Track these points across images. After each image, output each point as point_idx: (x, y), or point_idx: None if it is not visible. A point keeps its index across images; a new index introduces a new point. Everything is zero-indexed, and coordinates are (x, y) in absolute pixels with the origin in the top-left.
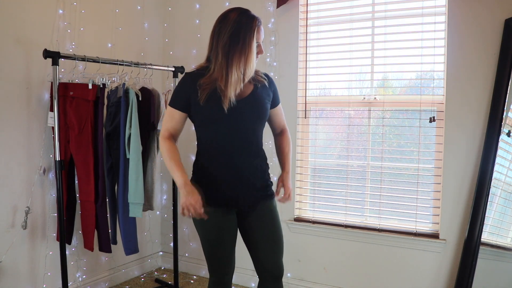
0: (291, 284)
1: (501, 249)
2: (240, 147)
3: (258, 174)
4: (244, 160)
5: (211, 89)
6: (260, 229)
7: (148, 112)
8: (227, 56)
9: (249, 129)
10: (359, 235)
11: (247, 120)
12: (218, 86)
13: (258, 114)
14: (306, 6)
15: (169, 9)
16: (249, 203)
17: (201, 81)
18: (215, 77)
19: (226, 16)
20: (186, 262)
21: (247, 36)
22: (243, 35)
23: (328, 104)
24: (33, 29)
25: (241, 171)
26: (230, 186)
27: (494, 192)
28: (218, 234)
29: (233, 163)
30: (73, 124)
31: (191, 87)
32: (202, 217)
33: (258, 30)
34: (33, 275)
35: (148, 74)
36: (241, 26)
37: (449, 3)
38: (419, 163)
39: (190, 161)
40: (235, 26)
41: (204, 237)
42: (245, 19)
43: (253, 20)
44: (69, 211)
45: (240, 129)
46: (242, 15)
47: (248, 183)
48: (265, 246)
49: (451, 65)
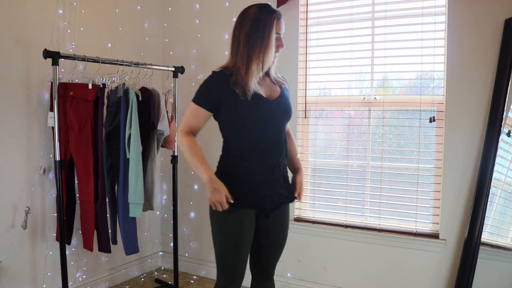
0: (291, 284)
1: (501, 249)
2: (272, 148)
3: (285, 175)
4: (276, 161)
5: (243, 88)
6: (272, 232)
7: (148, 112)
8: (248, 44)
9: (280, 130)
10: (359, 235)
11: (279, 120)
12: (240, 75)
13: (287, 114)
14: (306, 6)
15: (169, 9)
16: (275, 204)
17: (233, 79)
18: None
19: (246, 11)
20: (186, 262)
21: (267, 26)
22: (262, 26)
23: (328, 104)
24: (33, 29)
25: (273, 172)
26: (263, 187)
27: (494, 192)
28: (240, 236)
29: (266, 163)
30: (73, 124)
31: (222, 87)
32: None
33: (278, 22)
34: (33, 275)
35: (148, 74)
36: (260, 17)
37: (449, 3)
38: (419, 163)
39: None
40: (255, 18)
41: (224, 238)
42: (265, 11)
43: (273, 13)
44: (69, 211)
45: (273, 130)
46: (262, 9)
47: (278, 183)
48: (271, 249)
49: (451, 65)
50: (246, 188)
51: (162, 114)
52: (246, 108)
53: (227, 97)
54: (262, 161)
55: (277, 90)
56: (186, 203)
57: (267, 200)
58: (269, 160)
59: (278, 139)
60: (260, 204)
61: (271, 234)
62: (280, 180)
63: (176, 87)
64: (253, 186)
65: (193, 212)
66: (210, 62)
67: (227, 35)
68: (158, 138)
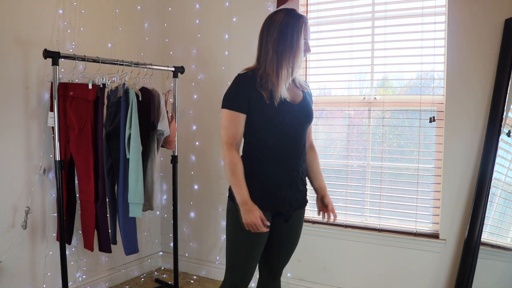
0: (291, 284)
1: (501, 249)
2: (293, 151)
3: (303, 179)
4: (295, 164)
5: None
6: (287, 235)
7: (148, 112)
8: (277, 51)
9: (301, 134)
10: (359, 235)
11: (300, 124)
12: (270, 81)
13: (309, 119)
14: (306, 6)
15: (169, 9)
16: (293, 208)
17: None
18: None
19: (273, 17)
20: (186, 262)
21: (295, 32)
22: (290, 31)
23: (328, 104)
24: (33, 29)
25: (292, 175)
26: (282, 189)
27: (494, 192)
28: (256, 237)
29: (286, 166)
30: (73, 124)
31: (249, 87)
32: (263, 231)
33: (305, 27)
34: (33, 275)
35: (148, 74)
36: (288, 23)
37: (449, 3)
38: (419, 163)
39: (190, 161)
40: (283, 24)
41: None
42: (292, 17)
43: (300, 18)
44: (69, 211)
45: (293, 133)
46: (288, 14)
47: (297, 187)
48: (282, 251)
49: (451, 65)
50: (264, 191)
51: (162, 114)
52: (270, 111)
53: (254, 98)
54: (281, 165)
55: (300, 94)
56: (186, 203)
57: (285, 204)
58: (288, 164)
59: (298, 143)
60: (277, 207)
61: (285, 237)
62: (298, 184)
63: (176, 87)
64: (272, 189)
65: (193, 212)
66: (210, 62)
67: (227, 35)
68: (158, 138)
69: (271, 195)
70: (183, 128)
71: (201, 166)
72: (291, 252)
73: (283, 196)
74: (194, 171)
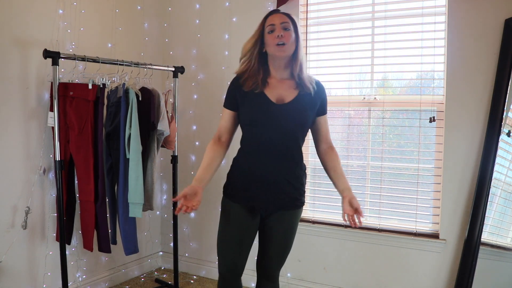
0: (291, 284)
1: (501, 249)
2: (274, 151)
3: (290, 180)
4: (275, 164)
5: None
6: (276, 236)
7: (148, 112)
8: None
9: (286, 134)
10: (359, 235)
11: (284, 125)
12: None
13: (297, 120)
14: (306, 6)
15: (169, 9)
16: (274, 207)
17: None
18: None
19: None
20: (186, 262)
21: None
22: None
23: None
24: (33, 29)
25: (272, 175)
26: (259, 187)
27: (494, 192)
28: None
29: (265, 165)
30: (73, 124)
31: (236, 87)
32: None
33: (269, 17)
34: (33, 275)
35: (148, 74)
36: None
37: (449, 3)
38: (419, 163)
39: (190, 161)
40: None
41: (223, 227)
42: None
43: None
44: (69, 211)
45: (274, 133)
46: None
47: (280, 188)
48: (272, 252)
49: (451, 65)
50: (238, 185)
51: (162, 114)
52: (251, 109)
53: (240, 97)
54: (260, 162)
55: (291, 95)
56: None
57: (260, 201)
58: (268, 162)
59: (283, 144)
60: (249, 202)
61: (276, 238)
62: (284, 185)
63: (176, 87)
64: (245, 184)
65: (193, 212)
66: (210, 62)
67: (227, 35)
68: (158, 138)
69: (244, 190)
70: (183, 128)
71: None
72: (283, 254)
73: (258, 193)
74: (194, 171)
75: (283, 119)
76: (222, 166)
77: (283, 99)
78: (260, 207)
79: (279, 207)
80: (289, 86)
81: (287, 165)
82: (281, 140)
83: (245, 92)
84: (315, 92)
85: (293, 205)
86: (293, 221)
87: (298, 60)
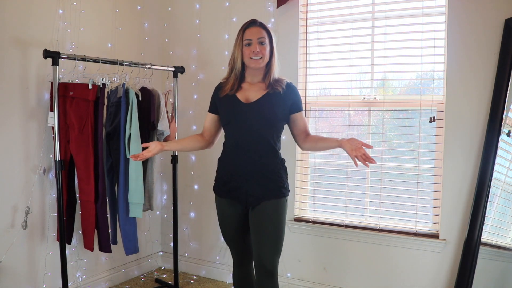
0: (291, 284)
1: (501, 249)
2: (246, 147)
3: (264, 173)
4: (252, 160)
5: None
6: (260, 226)
7: (148, 112)
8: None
9: (255, 131)
10: (359, 235)
11: (252, 122)
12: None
13: (263, 116)
14: (306, 6)
15: (169, 9)
16: (254, 198)
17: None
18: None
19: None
20: (186, 262)
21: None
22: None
23: (328, 104)
24: (33, 29)
25: (248, 169)
26: (237, 180)
27: (494, 192)
28: (224, 221)
29: (240, 160)
30: (73, 124)
31: (215, 93)
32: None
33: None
34: (33, 275)
35: (148, 74)
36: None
37: (449, 3)
38: (419, 163)
39: (190, 161)
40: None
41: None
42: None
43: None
44: (69, 211)
45: (246, 130)
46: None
47: (252, 179)
48: (263, 243)
49: (451, 65)
50: (221, 180)
51: (162, 114)
52: (225, 110)
53: (218, 102)
54: (237, 158)
55: (258, 95)
56: (186, 203)
57: (241, 193)
58: (244, 157)
59: (256, 139)
60: (232, 195)
61: (264, 226)
62: (258, 178)
63: (176, 87)
64: (225, 178)
65: (193, 212)
66: (210, 62)
67: (227, 35)
68: (158, 138)
69: (226, 183)
70: (183, 128)
71: (201, 166)
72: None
73: (238, 186)
74: (194, 171)
75: (251, 117)
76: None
77: (251, 98)
78: (242, 199)
79: (260, 199)
80: (259, 88)
81: (260, 159)
82: (253, 137)
83: (220, 98)
84: (285, 92)
85: (274, 195)
86: (277, 210)
87: (271, 67)
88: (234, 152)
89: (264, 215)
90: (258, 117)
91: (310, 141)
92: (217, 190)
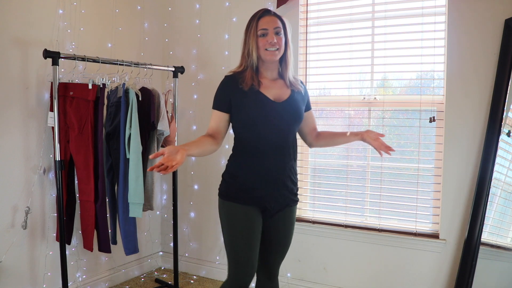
0: (291, 284)
1: (501, 249)
2: (275, 148)
3: (290, 176)
4: (281, 162)
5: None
6: (278, 232)
7: (148, 112)
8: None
9: (285, 131)
10: (359, 235)
11: (284, 122)
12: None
13: (294, 117)
14: (306, 6)
15: (169, 9)
16: (278, 204)
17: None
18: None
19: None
20: (186, 262)
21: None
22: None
23: (328, 104)
24: (33, 29)
25: (278, 173)
26: (266, 186)
27: (494, 192)
28: (249, 231)
29: (270, 164)
30: (73, 124)
31: (231, 88)
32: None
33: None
34: (33, 275)
35: (148, 74)
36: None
37: (449, 3)
38: (419, 163)
39: (190, 161)
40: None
41: (234, 232)
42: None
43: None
44: (68, 211)
45: (276, 131)
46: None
47: (279, 183)
48: (276, 249)
49: (451, 65)
50: (248, 186)
51: (162, 114)
52: (251, 108)
53: (236, 97)
54: (264, 162)
55: (287, 93)
56: (186, 203)
57: (270, 200)
58: (272, 161)
59: (283, 141)
60: (261, 202)
61: (277, 235)
62: (285, 182)
63: (176, 87)
64: (252, 184)
65: (193, 212)
66: (210, 62)
67: (227, 35)
68: (158, 138)
69: (254, 190)
70: (183, 128)
71: (201, 166)
72: (284, 250)
73: (266, 192)
74: (194, 171)
75: (282, 116)
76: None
77: (280, 97)
78: (270, 206)
79: (285, 204)
80: (282, 85)
81: (287, 161)
82: (281, 137)
83: (244, 91)
84: (304, 90)
85: (294, 201)
86: (293, 217)
87: (286, 62)
88: (258, 154)
89: (284, 223)
90: (288, 118)
91: (323, 138)
92: (235, 197)
